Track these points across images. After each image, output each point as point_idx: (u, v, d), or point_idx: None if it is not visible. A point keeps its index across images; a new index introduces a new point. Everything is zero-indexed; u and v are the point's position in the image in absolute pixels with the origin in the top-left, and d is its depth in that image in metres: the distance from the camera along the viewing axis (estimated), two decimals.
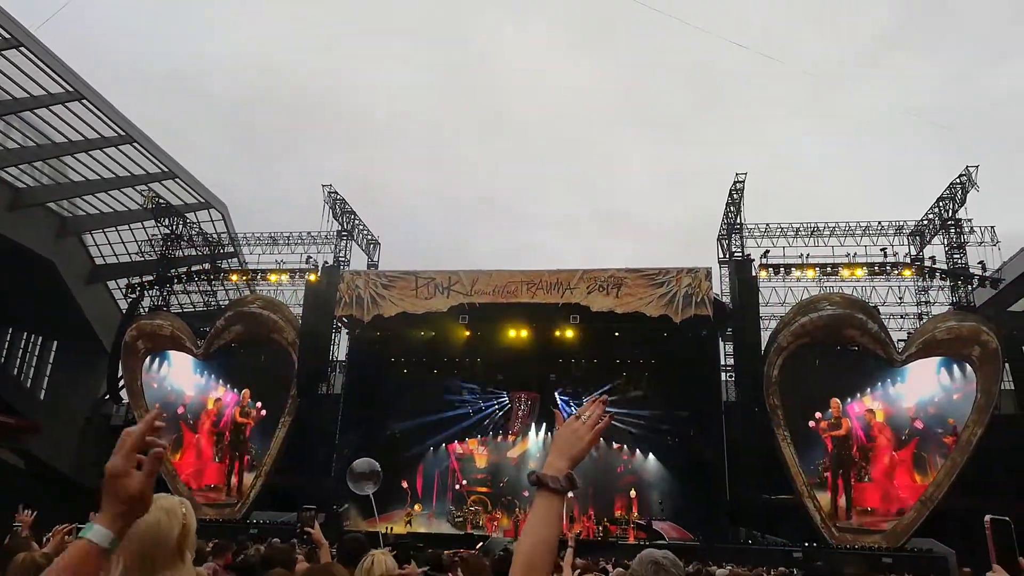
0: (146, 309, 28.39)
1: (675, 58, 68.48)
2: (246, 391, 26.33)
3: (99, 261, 31.40)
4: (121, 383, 27.68)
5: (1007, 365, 22.81)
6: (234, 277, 29.16)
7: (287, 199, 59.31)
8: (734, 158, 63.87)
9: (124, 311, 29.27)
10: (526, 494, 27.41)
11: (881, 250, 25.43)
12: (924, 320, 24.91)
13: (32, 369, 33.50)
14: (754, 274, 24.76)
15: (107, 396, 30.06)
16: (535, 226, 73.98)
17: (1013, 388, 24.56)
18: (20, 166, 26.39)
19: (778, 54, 58.60)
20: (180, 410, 26.32)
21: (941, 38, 63.57)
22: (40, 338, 33.68)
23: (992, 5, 58.59)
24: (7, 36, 21.57)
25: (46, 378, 33.51)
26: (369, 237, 30.10)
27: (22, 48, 21.98)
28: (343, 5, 74.50)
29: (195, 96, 67.87)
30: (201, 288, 30.30)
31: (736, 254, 25.56)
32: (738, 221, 25.77)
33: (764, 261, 25.26)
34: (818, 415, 23.31)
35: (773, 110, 70.95)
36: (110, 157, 27.30)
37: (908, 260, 25.48)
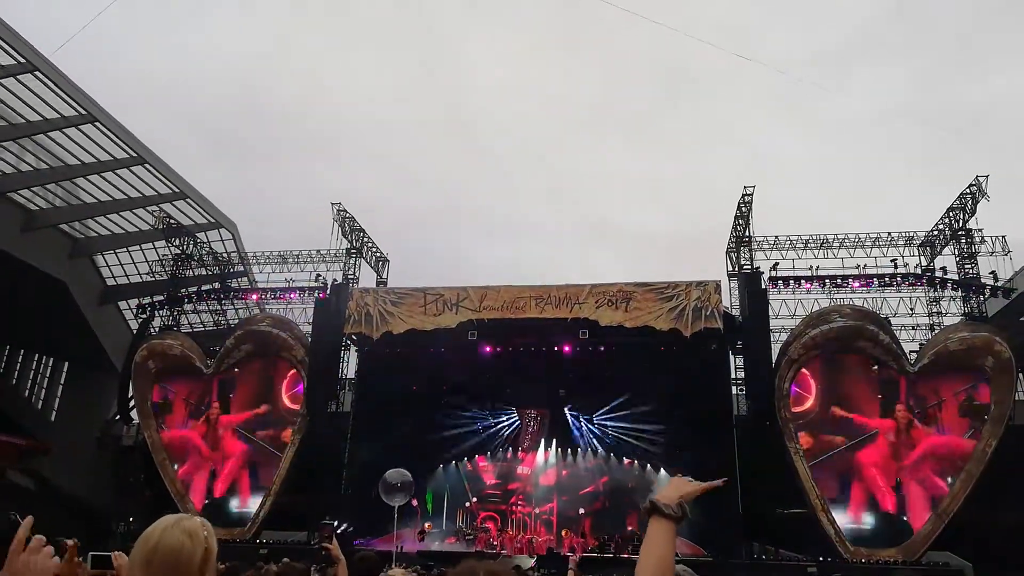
0: (157, 329, 28.51)
1: (654, 64, 68.49)
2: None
3: (110, 282, 31.64)
4: (132, 403, 27.75)
5: (1021, 375, 22.60)
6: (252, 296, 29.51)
7: (286, 216, 59.42)
8: (723, 167, 63.44)
9: (135, 331, 29.44)
10: (536, 511, 27.28)
11: (891, 261, 25.32)
12: (936, 331, 24.73)
13: (43, 390, 33.68)
14: (764, 287, 24.68)
15: (118, 417, 30.12)
16: (530, 239, 73.70)
17: None
18: (33, 188, 26.74)
19: (761, 58, 58.27)
20: None
21: (935, 36, 63.14)
22: (51, 359, 33.89)
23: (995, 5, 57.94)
24: (23, 61, 21.94)
25: (57, 399, 33.68)
26: (378, 254, 30.19)
27: (37, 72, 22.36)
28: (332, 25, 75.15)
29: (189, 108, 68.29)
30: (211, 307, 30.46)
31: (745, 267, 25.51)
32: (747, 234, 25.74)
33: (773, 273, 25.21)
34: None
35: (761, 116, 70.46)
36: (122, 178, 27.62)
37: (919, 271, 25.35)
